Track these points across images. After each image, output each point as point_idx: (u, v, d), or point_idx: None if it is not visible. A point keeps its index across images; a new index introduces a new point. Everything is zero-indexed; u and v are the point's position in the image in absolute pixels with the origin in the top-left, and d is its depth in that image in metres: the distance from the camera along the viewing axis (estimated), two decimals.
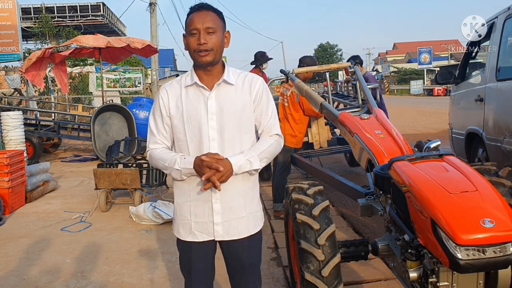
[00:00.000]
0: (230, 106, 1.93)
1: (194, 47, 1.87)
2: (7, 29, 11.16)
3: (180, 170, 1.91)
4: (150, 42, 11.16)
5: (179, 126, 1.95)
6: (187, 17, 1.92)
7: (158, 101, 1.99)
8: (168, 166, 1.94)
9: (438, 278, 2.07)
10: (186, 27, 1.91)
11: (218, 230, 1.97)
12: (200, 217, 1.97)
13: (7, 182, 5.52)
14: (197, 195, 1.96)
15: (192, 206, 1.98)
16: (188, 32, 1.90)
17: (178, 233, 2.05)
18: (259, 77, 2.05)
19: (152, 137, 2.02)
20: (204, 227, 1.97)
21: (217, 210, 1.95)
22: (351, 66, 5.02)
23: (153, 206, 4.88)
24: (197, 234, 1.99)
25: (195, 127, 1.93)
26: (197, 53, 1.87)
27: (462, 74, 5.51)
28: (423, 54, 39.11)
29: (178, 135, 1.97)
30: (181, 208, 2.03)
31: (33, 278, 3.62)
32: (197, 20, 1.86)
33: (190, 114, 1.93)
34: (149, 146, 2.03)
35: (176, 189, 2.05)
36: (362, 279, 3.35)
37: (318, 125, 5.46)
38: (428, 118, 15.47)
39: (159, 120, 1.99)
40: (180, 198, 2.03)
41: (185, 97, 1.95)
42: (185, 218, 2.00)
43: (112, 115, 9.25)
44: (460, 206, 1.96)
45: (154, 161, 2.00)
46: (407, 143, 3.02)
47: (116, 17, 22.59)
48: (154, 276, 3.59)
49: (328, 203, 2.56)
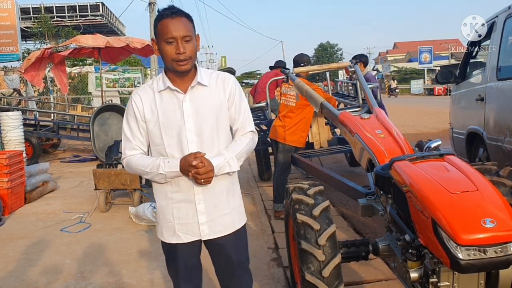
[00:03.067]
0: (205, 107, 1.94)
1: (172, 56, 1.85)
2: (6, 29, 11.18)
3: (165, 174, 1.90)
4: (150, 42, 11.14)
5: (155, 130, 1.94)
6: (159, 22, 1.86)
7: (132, 106, 1.95)
8: (150, 171, 1.92)
9: (439, 278, 2.07)
10: (160, 33, 1.85)
11: (204, 230, 1.98)
12: (184, 218, 1.97)
13: (6, 182, 5.51)
14: (180, 197, 1.96)
15: (175, 208, 1.97)
16: (163, 40, 1.85)
17: (161, 236, 2.05)
18: (231, 76, 2.06)
19: (128, 143, 1.98)
20: (189, 228, 1.97)
21: (201, 211, 1.96)
22: (351, 66, 5.01)
23: (153, 207, 4.87)
24: (182, 236, 1.98)
25: (172, 131, 1.92)
26: (176, 62, 1.85)
27: (463, 73, 5.50)
28: (423, 54, 39.11)
29: (155, 140, 1.96)
30: (163, 211, 2.01)
31: (32, 279, 3.61)
32: (174, 28, 1.82)
33: (166, 118, 1.92)
34: (125, 152, 1.99)
35: (157, 192, 2.03)
36: (363, 280, 3.34)
37: (318, 125, 5.45)
38: (428, 118, 15.46)
39: (134, 126, 1.96)
40: (162, 200, 2.01)
41: (160, 102, 1.93)
42: (168, 220, 2.00)
43: (112, 115, 9.24)
44: (461, 206, 1.95)
45: (133, 168, 1.98)
46: (407, 143, 3.01)
47: (115, 17, 22.60)
48: (154, 276, 3.58)
49: (328, 203, 2.56)
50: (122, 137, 2.02)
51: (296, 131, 4.95)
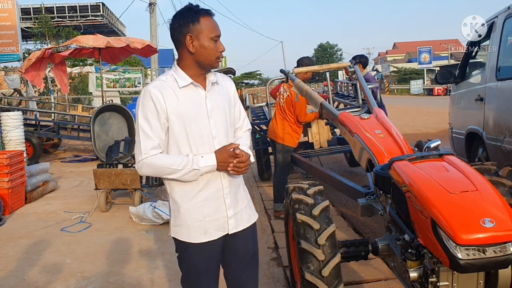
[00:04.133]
0: (220, 104, 1.99)
1: (217, 53, 1.91)
2: (7, 30, 11.18)
3: (199, 170, 1.87)
4: (150, 42, 11.15)
5: (180, 128, 1.89)
6: (202, 17, 1.88)
7: (153, 103, 1.85)
8: (180, 168, 1.85)
9: (438, 278, 2.07)
10: (205, 30, 1.87)
11: (231, 223, 2.00)
12: (212, 215, 1.96)
13: (7, 182, 5.52)
14: (207, 194, 1.95)
15: (203, 206, 1.95)
16: (208, 37, 1.88)
17: (188, 237, 1.95)
18: (229, 78, 2.14)
19: (150, 142, 1.86)
20: (218, 223, 1.98)
21: (229, 205, 1.99)
22: (351, 66, 5.02)
23: (153, 206, 4.88)
24: (212, 233, 1.97)
25: (197, 128, 1.91)
26: (217, 59, 1.93)
27: (462, 73, 5.50)
28: (423, 54, 39.09)
29: (179, 137, 1.90)
30: (189, 211, 1.94)
31: (33, 279, 3.62)
32: (217, 26, 1.91)
33: (191, 115, 1.91)
34: (147, 152, 1.86)
35: (179, 193, 1.95)
36: (362, 279, 3.35)
37: (318, 125, 5.46)
38: (428, 118, 15.47)
39: (155, 123, 1.86)
40: (186, 202, 1.94)
41: (183, 98, 1.90)
42: (197, 220, 1.95)
43: (112, 115, 9.25)
44: (460, 206, 1.96)
45: (158, 167, 1.87)
46: (407, 143, 3.02)
47: (115, 17, 22.57)
48: (154, 276, 3.59)
49: (328, 203, 2.56)
50: (138, 136, 1.88)
51: (291, 131, 4.96)
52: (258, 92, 27.71)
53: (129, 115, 9.21)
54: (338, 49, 65.73)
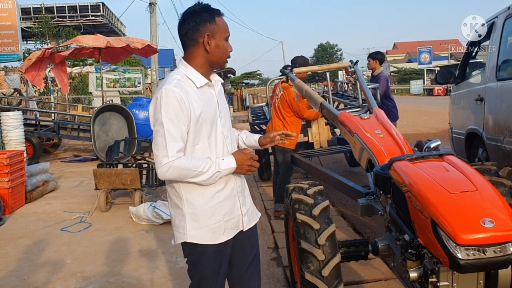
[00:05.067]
0: (225, 104, 2.06)
1: (227, 53, 1.97)
2: (7, 29, 11.17)
3: (221, 172, 1.88)
4: (150, 42, 11.16)
5: (201, 128, 1.87)
6: (217, 18, 1.91)
7: (179, 104, 1.80)
8: (204, 171, 1.83)
9: (438, 278, 2.07)
10: (221, 30, 1.92)
11: (245, 221, 2.06)
12: (230, 214, 2.00)
13: (7, 182, 5.52)
14: (225, 194, 1.97)
15: (222, 206, 1.96)
16: (223, 36, 1.94)
17: (204, 240, 1.92)
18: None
19: (176, 144, 1.81)
20: (234, 222, 2.02)
21: (242, 202, 2.05)
22: (351, 66, 5.02)
23: (153, 206, 4.88)
24: (230, 232, 2.01)
25: (214, 128, 1.94)
26: (227, 59, 2.00)
27: (462, 73, 5.51)
28: (423, 54, 39.09)
29: (199, 138, 1.88)
30: (206, 213, 1.92)
31: (33, 279, 3.62)
32: (228, 27, 1.96)
33: (208, 114, 1.91)
34: (174, 154, 1.80)
35: (197, 196, 1.91)
36: (362, 279, 3.35)
37: (318, 125, 5.46)
38: (428, 118, 15.47)
39: (182, 126, 1.82)
40: (204, 204, 1.92)
41: (202, 98, 1.90)
42: (217, 220, 1.94)
43: (112, 115, 9.26)
44: (460, 206, 1.96)
45: (184, 170, 1.82)
46: (407, 143, 3.01)
47: (115, 17, 22.58)
48: (154, 276, 3.59)
49: (328, 203, 2.56)
50: (163, 138, 1.81)
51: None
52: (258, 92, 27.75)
53: (129, 115, 9.21)
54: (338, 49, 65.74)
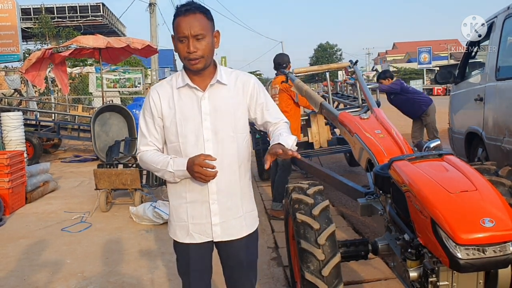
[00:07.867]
0: (224, 106, 1.92)
1: (183, 54, 1.84)
2: (7, 30, 11.16)
3: (173, 172, 1.88)
4: (150, 42, 11.18)
5: (171, 127, 1.92)
6: (174, 19, 1.85)
7: (149, 102, 1.95)
8: (160, 168, 1.91)
9: (438, 278, 2.07)
10: (174, 31, 1.85)
11: (216, 231, 1.96)
12: (198, 218, 1.95)
13: (7, 182, 5.52)
14: (193, 196, 1.94)
15: (189, 208, 1.96)
16: (176, 38, 1.84)
17: (174, 235, 2.03)
18: (251, 77, 2.05)
19: (143, 139, 1.98)
20: (202, 228, 1.96)
21: (214, 211, 1.94)
22: (351, 66, 5.02)
23: (153, 206, 4.88)
24: (195, 236, 1.97)
25: (189, 129, 1.90)
26: (187, 60, 1.85)
27: (462, 73, 5.51)
28: (422, 54, 39.13)
29: (171, 137, 1.94)
30: (176, 210, 2.00)
31: (33, 279, 3.62)
32: (185, 26, 1.79)
33: (183, 115, 1.91)
34: (140, 148, 2.00)
35: (171, 191, 2.02)
36: (362, 279, 3.36)
37: (318, 125, 5.47)
38: None
39: (150, 122, 1.96)
40: (175, 200, 2.00)
41: (178, 99, 1.92)
42: (182, 220, 1.98)
43: (112, 116, 9.25)
44: (460, 206, 1.96)
45: (145, 164, 1.98)
46: (406, 143, 3.02)
47: (115, 18, 22.57)
48: (155, 276, 3.59)
49: (328, 202, 2.56)
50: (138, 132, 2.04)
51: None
52: None
53: (129, 115, 9.21)
54: (338, 49, 65.83)
